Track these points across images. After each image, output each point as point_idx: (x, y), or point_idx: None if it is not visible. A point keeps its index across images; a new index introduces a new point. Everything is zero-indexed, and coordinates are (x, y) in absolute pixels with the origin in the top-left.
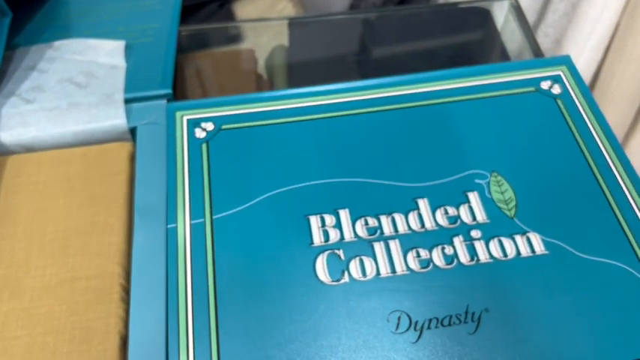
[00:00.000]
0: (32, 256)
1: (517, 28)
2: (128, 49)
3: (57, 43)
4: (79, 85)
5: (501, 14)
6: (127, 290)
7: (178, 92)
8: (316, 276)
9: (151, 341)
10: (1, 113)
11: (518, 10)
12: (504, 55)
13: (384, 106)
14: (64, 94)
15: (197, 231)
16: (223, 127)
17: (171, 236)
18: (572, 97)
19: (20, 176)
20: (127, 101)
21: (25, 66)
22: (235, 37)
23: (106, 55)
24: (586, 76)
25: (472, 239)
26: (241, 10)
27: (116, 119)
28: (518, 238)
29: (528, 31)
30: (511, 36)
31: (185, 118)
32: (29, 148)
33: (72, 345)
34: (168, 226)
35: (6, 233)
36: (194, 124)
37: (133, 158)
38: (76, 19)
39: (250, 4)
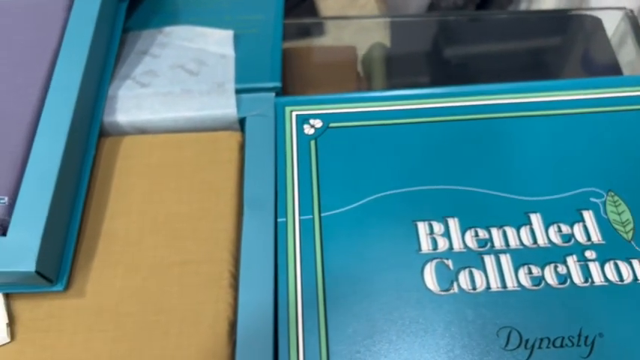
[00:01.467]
0: (145, 236)
1: (632, 39)
2: (235, 39)
3: (167, 29)
4: (191, 72)
5: (613, 23)
6: (235, 277)
7: None
8: (424, 283)
9: (258, 330)
10: (118, 95)
11: (633, 20)
12: (616, 67)
13: (496, 113)
14: (177, 80)
15: (306, 227)
16: (331, 124)
17: (280, 230)
18: None
19: (134, 157)
20: (236, 91)
21: (138, 50)
22: (317, 31)
23: (215, 43)
24: None
25: (586, 260)
26: (323, 3)
27: (227, 108)
28: (635, 262)
29: None
30: (624, 47)
31: (294, 114)
32: (142, 130)
33: (182, 326)
34: (278, 219)
35: (121, 212)
36: (303, 120)
37: (241, 148)
38: (182, 6)
39: None
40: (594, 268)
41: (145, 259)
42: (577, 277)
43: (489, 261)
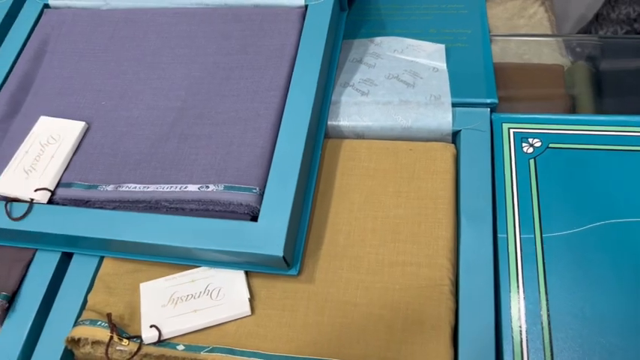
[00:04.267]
0: (366, 234)
1: None
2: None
3: (377, 39)
4: (407, 84)
5: None
6: (454, 284)
7: None
8: None
9: (480, 340)
10: (340, 101)
11: None
12: None
13: None
14: (394, 90)
15: (527, 246)
16: (551, 145)
17: (501, 245)
18: None
19: (354, 159)
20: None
21: (352, 58)
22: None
23: (427, 56)
24: None
25: None
26: (490, 12)
27: (443, 121)
28: None
29: None
30: None
31: (512, 131)
32: (359, 135)
33: (406, 323)
34: (499, 235)
35: (343, 209)
36: (521, 138)
37: (455, 160)
38: (387, 16)
39: (500, 6)
40: None
41: (367, 255)
42: None
43: None
